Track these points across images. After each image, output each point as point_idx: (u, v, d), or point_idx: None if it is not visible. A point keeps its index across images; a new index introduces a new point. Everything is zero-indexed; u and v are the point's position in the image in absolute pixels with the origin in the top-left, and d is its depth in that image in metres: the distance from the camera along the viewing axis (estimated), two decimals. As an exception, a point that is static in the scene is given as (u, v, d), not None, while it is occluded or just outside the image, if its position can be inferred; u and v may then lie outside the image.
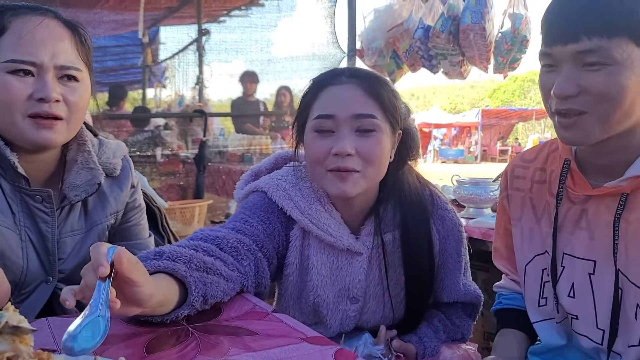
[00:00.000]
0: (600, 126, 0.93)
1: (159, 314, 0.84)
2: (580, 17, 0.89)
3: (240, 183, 1.29)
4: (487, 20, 2.83)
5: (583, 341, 1.06)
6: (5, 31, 1.02)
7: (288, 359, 0.74)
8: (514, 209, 1.18)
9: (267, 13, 4.80)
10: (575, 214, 1.05)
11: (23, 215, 1.09)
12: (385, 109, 1.10)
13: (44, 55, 1.02)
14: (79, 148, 1.16)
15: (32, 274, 1.10)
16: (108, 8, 5.50)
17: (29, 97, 1.01)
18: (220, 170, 4.21)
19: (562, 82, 0.92)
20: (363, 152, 1.08)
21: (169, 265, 0.86)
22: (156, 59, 7.59)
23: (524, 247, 1.16)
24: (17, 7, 1.05)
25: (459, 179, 2.58)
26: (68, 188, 1.13)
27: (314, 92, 1.14)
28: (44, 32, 1.03)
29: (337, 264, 1.18)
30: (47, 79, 1.02)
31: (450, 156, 21.32)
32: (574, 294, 1.05)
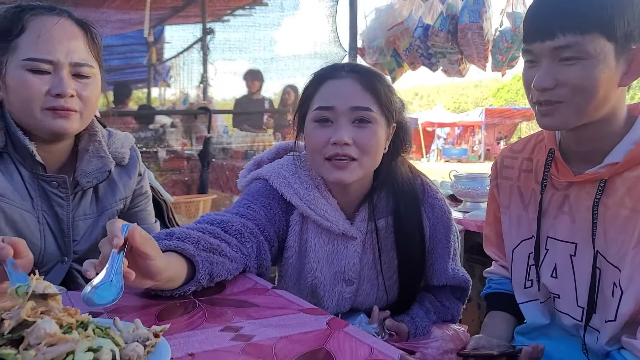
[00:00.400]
0: (576, 114, 1.01)
1: (168, 288, 0.91)
2: (555, 16, 0.97)
3: (244, 172, 1.37)
4: (485, 20, 2.90)
5: (564, 319, 1.14)
6: (24, 31, 1.09)
7: (286, 325, 0.82)
8: (502, 197, 1.26)
9: (270, 12, 4.86)
10: (559, 199, 1.13)
11: (40, 199, 1.17)
12: (381, 103, 1.17)
13: (60, 54, 1.09)
14: (91, 138, 1.24)
15: (49, 254, 1.18)
16: (114, 7, 5.58)
17: (46, 92, 1.09)
18: (224, 167, 4.29)
19: (541, 76, 1.00)
20: (359, 142, 1.15)
21: (178, 245, 0.94)
22: (161, 58, 7.66)
23: (511, 232, 1.23)
24: (35, 7, 1.13)
25: (456, 173, 2.65)
26: (80, 175, 1.21)
27: (315, 85, 1.21)
28: (59, 31, 1.11)
29: (333, 247, 1.25)
30: (62, 76, 1.09)
31: (454, 155, 21.32)
32: (556, 274, 1.13)
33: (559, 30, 0.96)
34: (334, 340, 0.76)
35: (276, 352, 0.72)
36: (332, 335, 0.78)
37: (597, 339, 1.07)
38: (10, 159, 1.15)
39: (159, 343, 0.68)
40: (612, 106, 1.02)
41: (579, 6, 0.96)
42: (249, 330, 0.79)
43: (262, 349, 0.73)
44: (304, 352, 0.72)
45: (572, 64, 0.97)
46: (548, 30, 0.98)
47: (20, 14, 1.11)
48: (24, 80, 1.08)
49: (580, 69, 0.97)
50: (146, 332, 0.69)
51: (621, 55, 0.97)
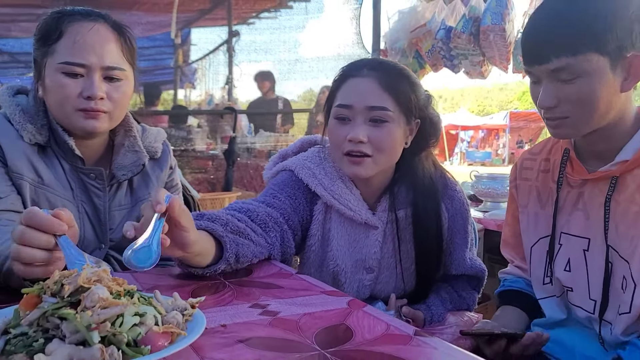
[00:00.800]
0: (582, 126, 1.07)
1: (197, 264, 0.99)
2: (547, 41, 1.03)
3: (269, 164, 1.44)
4: (507, 22, 2.93)
5: (578, 311, 1.18)
6: (62, 36, 1.18)
7: (309, 304, 0.89)
8: (521, 197, 1.31)
9: (295, 15, 4.95)
10: (574, 196, 1.18)
11: (80, 190, 1.26)
12: (400, 102, 1.22)
13: (92, 58, 1.17)
14: (126, 134, 1.33)
15: (87, 241, 1.27)
16: (143, 10, 5.73)
17: (78, 94, 1.17)
18: (248, 166, 4.38)
19: (543, 96, 1.06)
20: (375, 140, 1.21)
21: (208, 225, 1.01)
22: (187, 60, 7.82)
23: (529, 230, 1.28)
24: (73, 13, 1.21)
25: (477, 174, 2.69)
26: (116, 168, 1.30)
27: (338, 82, 1.28)
28: (94, 37, 1.18)
29: (355, 236, 1.32)
30: (94, 79, 1.17)
31: (477, 159, 21.16)
32: (569, 268, 1.17)
33: (552, 54, 1.02)
34: (353, 317, 0.83)
35: (300, 325, 0.79)
36: (352, 313, 0.85)
37: (612, 331, 1.11)
38: (53, 153, 1.24)
39: (195, 313, 0.75)
40: (619, 110, 1.07)
41: (568, 29, 1.01)
42: (275, 307, 0.86)
43: (288, 322, 0.80)
44: (325, 326, 0.79)
45: (570, 83, 1.03)
46: (542, 55, 1.04)
47: (59, 20, 1.19)
48: (59, 82, 1.17)
49: (579, 86, 1.02)
50: (184, 303, 0.76)
51: (617, 65, 1.01)
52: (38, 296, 0.68)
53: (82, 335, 0.62)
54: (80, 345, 0.62)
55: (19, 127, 1.20)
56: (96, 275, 0.69)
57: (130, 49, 1.25)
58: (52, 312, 0.65)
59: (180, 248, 0.90)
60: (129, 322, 0.65)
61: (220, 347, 0.70)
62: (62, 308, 0.64)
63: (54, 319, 0.64)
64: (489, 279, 2.27)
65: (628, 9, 1.00)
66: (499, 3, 2.93)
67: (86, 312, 0.63)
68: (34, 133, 1.20)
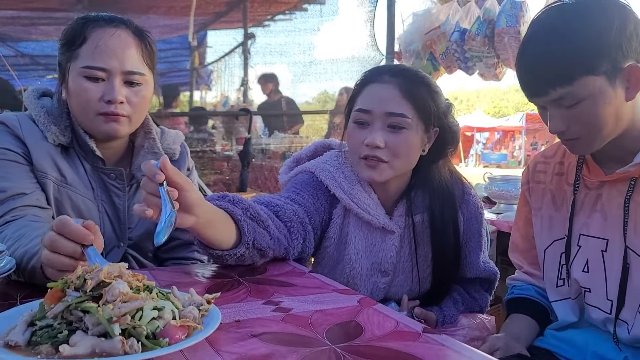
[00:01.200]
0: (595, 142, 1.10)
1: (213, 241, 1.00)
2: (539, 77, 1.06)
3: (284, 168, 1.46)
4: (522, 24, 2.92)
5: (594, 313, 1.18)
6: (86, 41, 1.21)
7: (321, 302, 0.91)
8: (534, 199, 1.31)
9: (309, 17, 4.99)
10: (592, 198, 1.18)
11: (100, 190, 1.30)
12: (418, 109, 1.23)
13: (113, 63, 1.20)
14: (146, 136, 1.37)
15: (106, 239, 1.30)
16: (160, 13, 5.81)
17: (100, 98, 1.21)
18: (263, 167, 4.42)
19: (552, 124, 1.09)
20: (392, 146, 1.22)
21: (228, 207, 1.04)
22: (203, 62, 7.90)
23: (543, 233, 1.28)
24: (97, 19, 1.25)
25: (491, 175, 2.69)
26: (136, 169, 1.33)
27: (359, 87, 1.29)
28: (115, 42, 1.22)
29: (372, 240, 1.33)
30: (114, 84, 1.21)
31: (493, 160, 21.02)
32: (587, 269, 1.18)
33: (549, 87, 1.04)
34: (363, 314, 0.85)
35: (312, 321, 0.81)
36: (363, 310, 0.87)
37: (629, 330, 1.12)
38: (75, 154, 1.28)
39: (211, 309, 0.78)
40: (630, 118, 1.09)
41: (557, 62, 1.02)
42: (288, 304, 0.89)
43: (300, 319, 0.82)
44: (336, 322, 0.81)
45: (574, 107, 1.05)
46: (539, 90, 1.06)
47: (83, 26, 1.23)
48: (82, 86, 1.21)
49: (583, 109, 1.04)
50: (200, 299, 0.79)
51: (615, 79, 1.02)
52: (62, 290, 0.72)
53: (103, 328, 0.65)
54: (102, 337, 0.65)
55: (44, 128, 1.24)
56: (117, 271, 0.72)
57: (150, 54, 1.29)
58: (76, 305, 0.68)
59: (187, 212, 0.89)
60: (148, 315, 0.68)
61: (234, 341, 0.72)
62: (85, 302, 0.68)
63: (77, 312, 0.68)
64: (502, 281, 2.26)
65: (611, 26, 1.00)
66: (514, 5, 2.93)
67: (108, 306, 0.66)
68: (57, 134, 1.24)
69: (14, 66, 4.97)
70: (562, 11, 1.05)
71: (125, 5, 5.37)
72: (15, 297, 0.90)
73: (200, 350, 0.69)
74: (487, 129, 22.57)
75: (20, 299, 0.89)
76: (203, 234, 0.99)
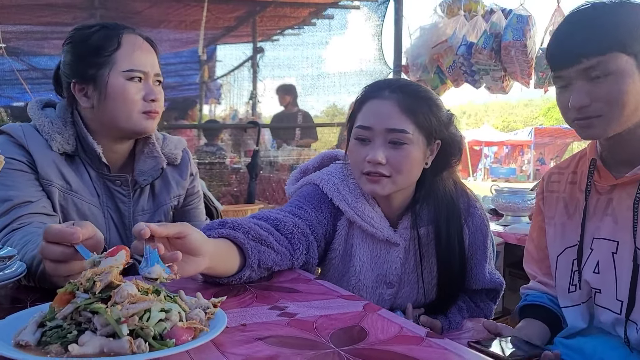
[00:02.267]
0: (613, 124, 1.12)
1: (223, 272, 1.01)
2: (576, 45, 1.11)
3: (291, 179, 1.48)
4: (529, 38, 2.95)
5: (603, 315, 1.19)
6: (120, 47, 1.28)
7: (326, 307, 0.92)
8: (548, 208, 1.34)
9: (318, 32, 5.03)
10: (603, 203, 1.22)
11: (105, 196, 1.33)
12: (419, 124, 1.24)
13: (148, 66, 1.30)
14: (146, 141, 1.40)
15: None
16: (171, 27, 5.89)
17: (142, 97, 1.29)
18: (271, 179, 4.44)
19: (577, 96, 1.12)
20: (393, 161, 1.23)
21: (230, 233, 1.05)
22: (213, 76, 7.99)
23: (556, 240, 1.30)
24: (125, 27, 1.32)
25: (498, 188, 2.70)
26: (138, 174, 1.37)
27: (360, 102, 1.30)
28: (145, 48, 1.32)
29: (377, 252, 1.34)
30: (150, 85, 1.31)
31: (502, 175, 20.94)
32: (598, 270, 1.20)
33: (582, 55, 1.09)
34: (368, 319, 0.86)
35: (317, 326, 0.82)
36: (367, 315, 0.88)
37: (637, 330, 1.12)
38: (81, 161, 1.31)
39: (217, 312, 0.79)
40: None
41: (595, 32, 1.09)
42: (293, 309, 0.90)
43: (305, 323, 0.83)
44: (341, 327, 0.82)
45: (601, 82, 1.09)
46: (573, 57, 1.11)
47: (113, 32, 1.29)
48: (125, 87, 1.27)
49: (610, 84, 1.08)
50: (206, 302, 0.81)
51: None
52: (71, 293, 0.73)
53: (112, 328, 0.67)
54: (110, 337, 0.66)
55: (48, 137, 1.27)
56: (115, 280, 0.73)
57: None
58: (85, 306, 0.69)
59: (194, 254, 0.88)
60: (156, 317, 0.70)
61: (240, 344, 0.73)
62: (93, 303, 0.69)
63: (86, 313, 0.69)
64: (511, 293, 2.25)
65: None
66: (520, 19, 2.96)
67: (116, 307, 0.68)
68: (62, 143, 1.28)
69: (26, 80, 5.05)
70: (604, 4, 1.13)
71: (137, 19, 5.46)
72: (25, 300, 0.92)
73: (206, 351, 0.70)
74: (496, 143, 22.53)
75: (30, 302, 0.91)
76: (213, 269, 0.97)
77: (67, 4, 5.14)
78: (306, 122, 5.49)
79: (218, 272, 1.01)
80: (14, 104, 5.56)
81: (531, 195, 2.56)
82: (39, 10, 5.09)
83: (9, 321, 0.75)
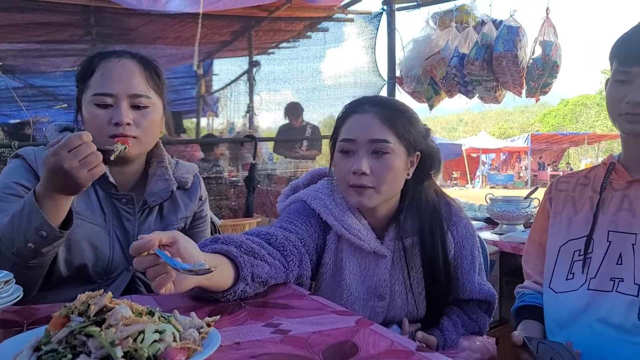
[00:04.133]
0: None
1: (218, 286, 1.02)
2: None
3: (282, 196, 1.50)
4: (520, 48, 2.99)
5: (619, 299, 1.22)
6: (94, 73, 1.29)
7: (319, 323, 0.93)
8: (555, 205, 1.40)
9: (312, 45, 5.08)
10: (618, 198, 1.29)
11: (112, 215, 1.35)
12: (399, 135, 1.30)
13: (118, 87, 1.28)
14: (159, 164, 1.43)
15: (116, 262, 1.34)
16: (167, 43, 5.94)
17: (109, 122, 1.27)
18: (269, 192, 4.46)
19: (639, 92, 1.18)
20: (377, 171, 1.27)
21: (223, 248, 1.07)
22: (210, 90, 8.05)
23: (560, 234, 1.36)
24: (105, 52, 1.33)
25: (492, 197, 2.71)
26: (148, 195, 1.39)
27: (342, 118, 1.35)
28: (119, 69, 1.30)
29: (366, 265, 1.36)
30: (121, 107, 1.27)
31: (500, 181, 20.98)
32: (621, 261, 1.24)
33: None
34: (360, 334, 0.87)
35: (309, 342, 0.83)
36: (359, 331, 0.89)
37: None
38: None
39: (210, 331, 0.81)
40: None
41: None
42: (287, 326, 0.91)
43: (298, 340, 0.84)
44: (333, 343, 0.83)
45: None
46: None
47: (92, 60, 1.31)
48: (93, 112, 1.28)
49: None
50: (200, 322, 0.82)
51: None
52: (66, 317, 0.75)
53: (106, 351, 0.68)
54: (104, 360, 0.67)
55: None
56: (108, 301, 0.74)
57: (156, 80, 1.35)
58: (79, 330, 0.71)
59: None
60: (150, 338, 0.71)
61: (233, 363, 0.75)
62: (88, 326, 0.71)
63: (81, 337, 0.70)
64: (508, 302, 2.24)
65: None
66: (511, 30, 3.00)
67: (110, 329, 0.69)
68: None
69: (22, 98, 5.08)
70: None
71: (133, 36, 5.51)
72: (22, 324, 0.93)
73: (199, 371, 0.71)
74: (493, 150, 22.61)
75: (27, 325, 0.92)
76: (207, 282, 0.98)
77: (63, 23, 5.19)
78: (315, 134, 5.52)
79: (213, 286, 1.02)
80: (10, 121, 5.59)
81: (525, 203, 2.58)
82: (35, 28, 5.13)
83: (5, 346, 0.76)
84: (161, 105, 1.37)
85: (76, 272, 1.29)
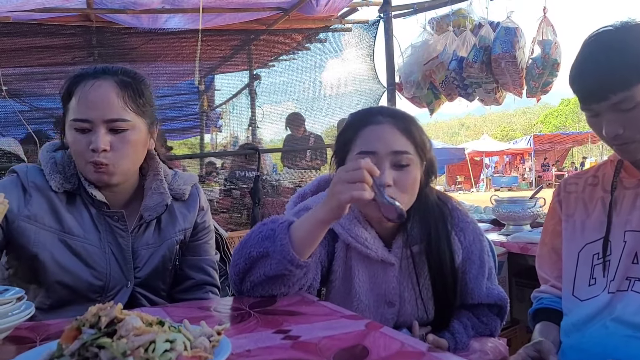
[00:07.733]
0: None
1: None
2: (601, 84, 1.15)
3: (290, 204, 1.50)
4: (518, 49, 3.00)
5: (633, 297, 1.20)
6: (71, 97, 1.29)
7: (329, 328, 0.94)
8: (566, 207, 1.37)
9: (312, 56, 5.12)
10: (631, 197, 1.26)
11: (106, 233, 1.34)
12: (416, 145, 1.29)
13: (94, 113, 1.26)
14: (154, 177, 1.42)
15: (114, 279, 1.34)
16: (167, 60, 6.00)
17: (86, 147, 1.26)
18: (274, 203, 4.47)
19: (608, 128, 1.17)
20: (400, 183, 1.25)
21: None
22: (212, 105, 8.10)
23: (575, 238, 1.33)
24: (81, 74, 1.30)
25: (497, 198, 2.71)
26: (144, 209, 1.38)
27: (354, 130, 1.31)
28: (95, 93, 1.27)
29: (374, 272, 1.36)
30: (98, 133, 1.25)
31: (504, 184, 20.91)
32: (637, 260, 1.22)
33: (609, 92, 1.13)
34: (370, 337, 0.88)
35: (320, 347, 0.84)
36: (369, 334, 0.90)
37: None
38: (81, 199, 1.34)
39: (221, 340, 0.81)
40: None
41: (618, 69, 1.13)
42: (297, 332, 0.92)
43: (308, 345, 0.85)
44: (343, 347, 0.84)
45: (631, 110, 1.14)
46: (601, 95, 1.15)
47: (70, 82, 1.30)
48: (73, 138, 1.28)
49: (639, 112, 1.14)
50: (210, 330, 0.82)
51: None
52: (77, 330, 0.75)
53: (118, 361, 0.68)
54: (117, 371, 0.68)
55: (49, 177, 1.31)
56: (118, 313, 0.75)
57: (136, 99, 1.31)
58: (91, 341, 0.71)
59: None
60: (161, 348, 0.72)
61: (244, 369, 0.75)
62: (100, 338, 0.71)
63: (93, 348, 0.71)
64: (519, 303, 2.23)
65: None
66: (508, 32, 3.01)
67: (122, 340, 0.70)
68: (62, 182, 1.31)
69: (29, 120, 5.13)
70: (615, 32, 1.17)
71: (134, 55, 5.56)
72: (35, 339, 0.94)
73: (211, 379, 0.72)
74: (496, 152, 22.56)
75: (39, 341, 0.93)
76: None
77: (65, 45, 5.25)
78: (317, 144, 5.54)
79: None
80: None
81: (531, 203, 2.58)
82: (38, 52, 5.19)
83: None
84: (144, 124, 1.34)
85: (74, 292, 1.30)
